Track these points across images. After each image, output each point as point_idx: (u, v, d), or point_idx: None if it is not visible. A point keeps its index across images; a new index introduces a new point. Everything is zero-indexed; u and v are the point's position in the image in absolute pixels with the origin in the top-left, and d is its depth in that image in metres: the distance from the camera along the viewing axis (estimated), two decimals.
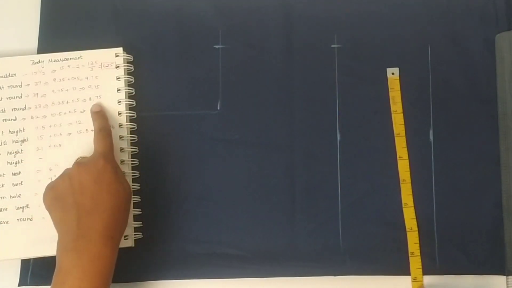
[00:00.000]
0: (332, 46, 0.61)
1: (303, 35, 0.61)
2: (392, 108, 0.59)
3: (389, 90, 0.59)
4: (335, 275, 0.56)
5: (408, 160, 0.58)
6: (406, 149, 0.58)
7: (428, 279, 0.56)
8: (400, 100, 0.59)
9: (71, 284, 0.46)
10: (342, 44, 0.61)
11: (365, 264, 0.56)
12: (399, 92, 0.59)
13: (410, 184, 0.58)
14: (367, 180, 0.58)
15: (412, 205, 0.57)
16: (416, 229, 0.57)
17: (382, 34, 0.61)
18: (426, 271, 0.56)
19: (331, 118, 0.60)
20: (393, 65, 0.60)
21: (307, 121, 0.60)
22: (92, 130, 0.57)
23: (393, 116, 0.59)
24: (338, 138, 0.59)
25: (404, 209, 0.57)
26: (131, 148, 0.58)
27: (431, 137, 0.59)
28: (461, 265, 0.56)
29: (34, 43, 0.62)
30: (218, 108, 0.60)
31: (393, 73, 0.60)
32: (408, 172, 0.58)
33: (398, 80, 0.59)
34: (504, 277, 0.56)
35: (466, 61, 0.60)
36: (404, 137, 0.58)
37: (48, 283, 0.56)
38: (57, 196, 0.50)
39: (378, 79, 0.60)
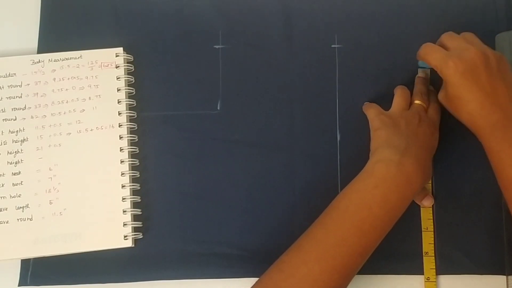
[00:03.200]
0: (332, 46, 0.61)
1: (303, 35, 0.61)
2: None
3: None
4: None
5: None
6: None
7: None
8: None
9: (382, 191, 0.49)
10: (342, 44, 0.61)
11: (367, 263, 0.56)
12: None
13: (430, 185, 0.58)
14: None
15: (431, 206, 0.57)
16: (432, 229, 0.57)
17: (382, 34, 0.61)
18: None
19: (331, 118, 0.60)
20: (393, 64, 0.60)
21: (307, 121, 0.60)
22: (91, 130, 0.58)
23: None
24: (338, 138, 0.59)
25: (422, 209, 0.57)
26: (131, 148, 0.58)
27: None
28: (461, 265, 0.56)
29: (34, 43, 0.62)
30: (218, 108, 0.60)
31: (425, 73, 0.59)
32: None
33: (428, 81, 0.59)
34: (504, 277, 0.56)
35: None
36: None
37: (48, 283, 0.57)
38: (390, 122, 0.54)
39: (378, 79, 0.60)
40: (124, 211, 0.57)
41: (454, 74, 0.50)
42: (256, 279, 0.53)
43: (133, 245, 0.56)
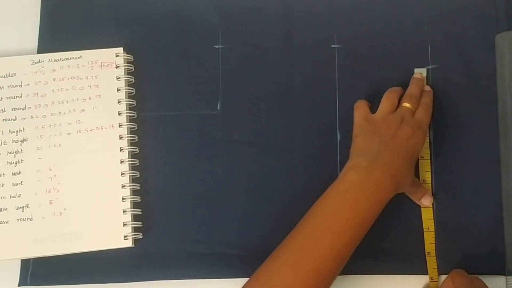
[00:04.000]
0: (332, 46, 0.61)
1: (303, 35, 0.61)
2: None
3: None
4: None
5: (430, 161, 0.58)
6: (428, 149, 0.58)
7: (427, 279, 0.56)
8: None
9: (352, 195, 0.50)
10: (342, 44, 0.61)
11: (367, 263, 0.56)
12: None
13: (430, 184, 0.58)
14: None
15: (431, 205, 0.57)
16: (433, 229, 0.57)
17: (382, 34, 0.61)
18: None
19: (331, 118, 0.60)
20: (392, 64, 0.60)
21: (307, 121, 0.60)
22: (91, 130, 0.58)
23: None
24: (338, 138, 0.59)
25: (422, 209, 0.57)
26: (131, 148, 0.58)
27: (431, 137, 0.59)
28: (461, 265, 0.56)
29: (34, 43, 0.62)
30: (218, 108, 0.60)
31: (420, 74, 0.59)
32: (429, 173, 0.58)
33: (423, 82, 0.59)
34: (504, 277, 0.56)
35: (466, 61, 0.60)
36: (428, 137, 0.58)
37: (48, 283, 0.57)
38: (370, 128, 0.55)
39: (378, 79, 0.60)
40: (124, 211, 0.57)
41: None
42: None
43: (133, 245, 0.56)
